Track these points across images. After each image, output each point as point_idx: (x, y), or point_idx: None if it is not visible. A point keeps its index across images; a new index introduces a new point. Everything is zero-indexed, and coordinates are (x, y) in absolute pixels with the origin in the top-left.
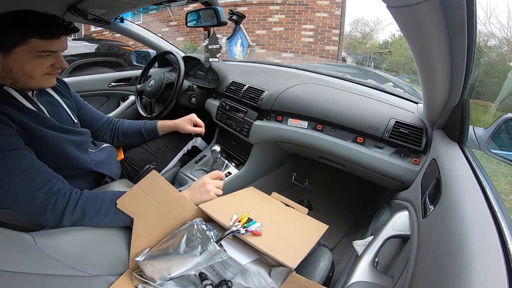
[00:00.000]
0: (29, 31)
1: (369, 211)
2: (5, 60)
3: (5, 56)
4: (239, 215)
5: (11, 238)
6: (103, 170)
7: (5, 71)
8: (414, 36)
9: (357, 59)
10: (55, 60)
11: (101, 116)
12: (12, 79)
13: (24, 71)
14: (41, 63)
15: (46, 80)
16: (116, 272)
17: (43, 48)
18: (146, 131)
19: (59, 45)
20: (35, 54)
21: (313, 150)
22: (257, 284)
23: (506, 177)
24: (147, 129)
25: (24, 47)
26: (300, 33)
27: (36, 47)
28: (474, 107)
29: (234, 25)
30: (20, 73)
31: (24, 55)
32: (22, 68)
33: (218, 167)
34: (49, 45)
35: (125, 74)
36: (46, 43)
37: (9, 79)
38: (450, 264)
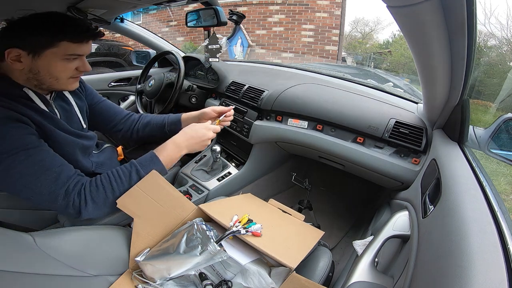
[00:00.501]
0: (61, 34)
1: (369, 211)
2: (33, 61)
3: (34, 57)
4: (239, 216)
5: (11, 238)
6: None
7: (32, 73)
8: (414, 36)
9: (357, 59)
10: (81, 63)
11: (120, 111)
12: (38, 80)
13: (51, 73)
14: (68, 66)
15: (70, 83)
16: (116, 272)
17: (72, 51)
18: (168, 123)
19: (86, 49)
20: (63, 57)
21: (313, 150)
22: (257, 284)
23: (506, 177)
24: (170, 121)
25: (54, 49)
26: (300, 33)
27: (65, 50)
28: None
29: (234, 25)
30: (47, 75)
31: (53, 58)
32: (49, 70)
33: (218, 167)
34: (78, 49)
35: (125, 74)
36: (75, 46)
37: (35, 80)
38: (450, 264)
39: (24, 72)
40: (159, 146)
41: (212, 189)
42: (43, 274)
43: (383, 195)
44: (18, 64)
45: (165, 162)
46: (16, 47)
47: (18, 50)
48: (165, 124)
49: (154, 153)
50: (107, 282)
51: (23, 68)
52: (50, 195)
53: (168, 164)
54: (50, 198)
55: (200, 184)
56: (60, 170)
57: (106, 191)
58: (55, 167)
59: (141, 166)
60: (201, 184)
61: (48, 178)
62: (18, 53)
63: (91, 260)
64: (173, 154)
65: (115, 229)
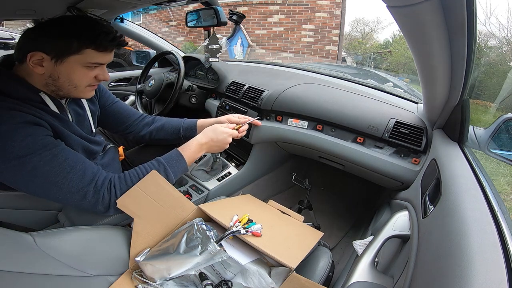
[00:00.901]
0: (87, 42)
1: (369, 211)
2: (55, 67)
3: (57, 63)
4: (239, 216)
5: (11, 238)
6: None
7: (52, 78)
8: (414, 36)
9: (357, 59)
10: (101, 72)
11: (133, 113)
12: (57, 86)
13: (70, 80)
14: (88, 74)
15: (88, 91)
16: (116, 272)
17: (95, 59)
18: (184, 128)
19: (109, 58)
20: (85, 65)
21: (313, 150)
22: (257, 284)
23: (506, 177)
24: (185, 126)
25: (78, 56)
26: (300, 33)
27: (89, 58)
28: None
29: (234, 25)
30: (67, 81)
31: (75, 64)
32: (69, 77)
33: (218, 167)
34: (101, 57)
35: (125, 74)
36: (99, 55)
37: (53, 86)
38: (450, 264)
39: (44, 77)
40: (183, 145)
41: (212, 189)
42: (43, 274)
43: (383, 195)
44: (39, 68)
45: (188, 160)
46: (41, 50)
47: (42, 54)
48: (180, 129)
49: (179, 152)
50: (107, 282)
51: (43, 73)
52: (79, 193)
53: (190, 162)
54: (79, 196)
55: (200, 184)
56: (84, 167)
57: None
58: (79, 164)
59: (168, 165)
60: (201, 184)
61: (75, 175)
62: (42, 57)
63: (91, 260)
64: (195, 154)
65: (115, 229)
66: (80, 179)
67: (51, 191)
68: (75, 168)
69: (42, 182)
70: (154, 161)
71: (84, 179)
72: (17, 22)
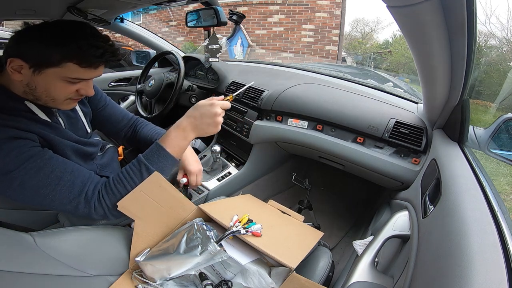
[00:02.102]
0: (69, 55)
1: (369, 211)
2: (33, 77)
3: (35, 73)
4: (239, 216)
5: (11, 238)
6: (107, 173)
7: (29, 87)
8: (414, 36)
9: (357, 59)
10: (83, 86)
11: (123, 116)
12: (34, 96)
13: (47, 93)
14: (68, 88)
15: (67, 104)
16: (116, 272)
17: (76, 75)
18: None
19: (94, 74)
20: (65, 79)
21: (313, 150)
22: (257, 284)
23: (506, 177)
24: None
25: (58, 69)
26: (300, 33)
27: (69, 72)
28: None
29: (234, 25)
30: (44, 93)
31: (54, 77)
32: (47, 89)
33: (218, 167)
34: (84, 73)
35: (125, 74)
36: (82, 71)
37: (31, 95)
38: (450, 264)
39: (22, 85)
40: (163, 135)
41: (212, 189)
42: (43, 274)
43: (383, 195)
44: (17, 75)
45: (173, 151)
46: (20, 57)
47: (21, 61)
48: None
49: (159, 144)
50: (107, 282)
51: (21, 80)
52: (71, 203)
53: (178, 152)
54: (72, 206)
55: (200, 184)
56: (72, 177)
57: (123, 194)
58: (66, 175)
59: (150, 162)
60: (201, 184)
61: (64, 187)
62: (21, 64)
63: (91, 260)
64: (179, 141)
65: (115, 229)
66: (69, 190)
67: (44, 203)
68: (63, 180)
69: (32, 195)
70: (135, 160)
71: (74, 190)
72: (17, 22)
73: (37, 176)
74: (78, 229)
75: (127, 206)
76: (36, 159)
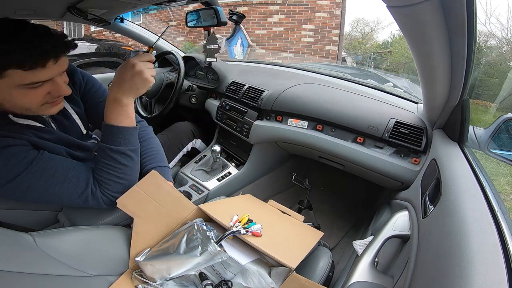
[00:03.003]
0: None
1: (369, 211)
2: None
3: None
4: (239, 216)
5: (11, 238)
6: None
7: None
8: (414, 36)
9: (357, 59)
10: (52, 87)
11: None
12: (10, 109)
13: (14, 104)
14: (33, 94)
15: (47, 109)
16: (116, 272)
17: (27, 80)
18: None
19: (50, 73)
20: (20, 87)
21: (313, 150)
22: (257, 284)
23: (506, 177)
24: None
25: (5, 80)
26: (300, 33)
27: (19, 80)
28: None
29: (234, 25)
30: (12, 106)
31: (8, 89)
32: (13, 102)
33: (218, 167)
34: (35, 76)
35: None
36: (30, 74)
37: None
38: (450, 264)
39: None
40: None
41: (212, 189)
42: (43, 274)
43: (383, 195)
44: None
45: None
46: None
47: None
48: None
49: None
50: (107, 282)
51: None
52: (80, 197)
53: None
54: (82, 200)
55: (200, 184)
56: (76, 172)
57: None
58: (70, 172)
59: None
60: (201, 184)
61: (70, 183)
62: None
63: (91, 260)
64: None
65: (115, 229)
66: (76, 185)
67: (55, 199)
68: (69, 176)
69: (42, 195)
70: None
71: (80, 184)
72: None
73: (43, 177)
74: (78, 229)
75: (125, 203)
76: (38, 161)
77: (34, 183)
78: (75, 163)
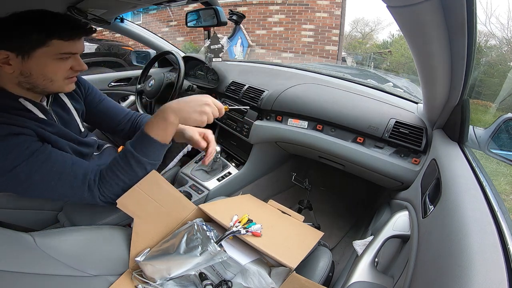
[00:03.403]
0: (51, 32)
1: (369, 211)
2: (24, 63)
3: (24, 59)
4: (239, 216)
5: (11, 238)
6: None
7: (23, 76)
8: (414, 36)
9: (357, 59)
10: (75, 62)
11: (120, 111)
12: (31, 84)
13: (44, 75)
14: (62, 66)
15: (66, 84)
16: (116, 272)
17: (64, 49)
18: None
19: (80, 47)
20: (56, 57)
21: (313, 150)
22: (257, 284)
23: (506, 177)
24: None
25: (45, 49)
26: (300, 33)
27: (58, 48)
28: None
29: (234, 25)
30: (40, 77)
31: (45, 58)
32: (42, 72)
33: (218, 167)
34: (70, 47)
35: (125, 74)
36: (68, 44)
37: (27, 84)
38: (450, 264)
39: (15, 76)
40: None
41: (212, 189)
42: (43, 274)
43: (383, 195)
44: (7, 67)
45: (156, 134)
46: (3, 49)
47: (6, 52)
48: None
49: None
50: (107, 282)
51: (13, 72)
52: (76, 192)
53: (162, 135)
54: (78, 195)
55: (200, 184)
56: (74, 167)
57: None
58: (68, 167)
59: (135, 149)
60: (201, 184)
61: (68, 176)
62: (6, 55)
63: (91, 260)
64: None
65: (115, 229)
66: (73, 179)
67: (52, 193)
68: (66, 171)
69: (39, 188)
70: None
71: (77, 179)
72: None
73: (42, 169)
74: (78, 229)
75: (125, 203)
76: (39, 154)
77: (31, 175)
78: (74, 158)
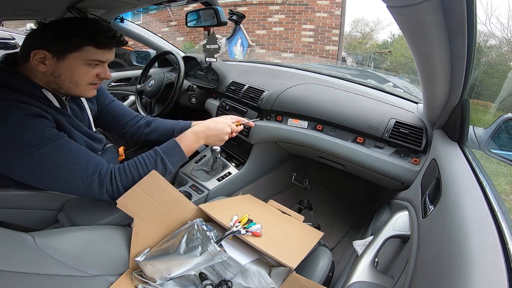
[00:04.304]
0: (88, 39)
1: (369, 211)
2: (57, 64)
3: (58, 60)
4: (239, 216)
5: (11, 238)
6: None
7: (53, 76)
8: (414, 36)
9: (357, 59)
10: (102, 70)
11: (129, 113)
12: (57, 84)
13: (72, 78)
14: (89, 71)
15: (89, 90)
16: (116, 272)
17: (95, 57)
18: (178, 130)
19: (109, 56)
20: (86, 62)
21: (313, 150)
22: (257, 284)
23: (506, 177)
24: (179, 128)
25: (79, 53)
26: (300, 33)
27: (90, 55)
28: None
29: (234, 25)
30: (68, 79)
31: (76, 62)
32: (71, 75)
33: (218, 167)
34: (102, 55)
35: (125, 74)
36: (100, 52)
37: (54, 83)
38: (450, 264)
39: (46, 75)
40: (180, 135)
41: (212, 189)
42: (43, 274)
43: (383, 195)
44: (42, 66)
45: (186, 150)
46: (43, 48)
47: (45, 52)
48: (175, 131)
49: (176, 141)
50: (107, 282)
51: (45, 71)
52: (84, 183)
53: (188, 152)
54: (85, 186)
55: (200, 184)
56: (87, 157)
57: (135, 178)
58: (82, 155)
59: (165, 155)
60: (201, 184)
61: (79, 165)
62: (44, 55)
63: (91, 260)
64: (192, 144)
65: (115, 229)
66: (84, 169)
67: (58, 182)
68: (79, 159)
69: (48, 173)
70: (152, 151)
71: (88, 169)
72: (17, 22)
73: (56, 155)
74: (78, 229)
75: (125, 203)
76: (56, 139)
77: (45, 159)
78: (87, 150)
